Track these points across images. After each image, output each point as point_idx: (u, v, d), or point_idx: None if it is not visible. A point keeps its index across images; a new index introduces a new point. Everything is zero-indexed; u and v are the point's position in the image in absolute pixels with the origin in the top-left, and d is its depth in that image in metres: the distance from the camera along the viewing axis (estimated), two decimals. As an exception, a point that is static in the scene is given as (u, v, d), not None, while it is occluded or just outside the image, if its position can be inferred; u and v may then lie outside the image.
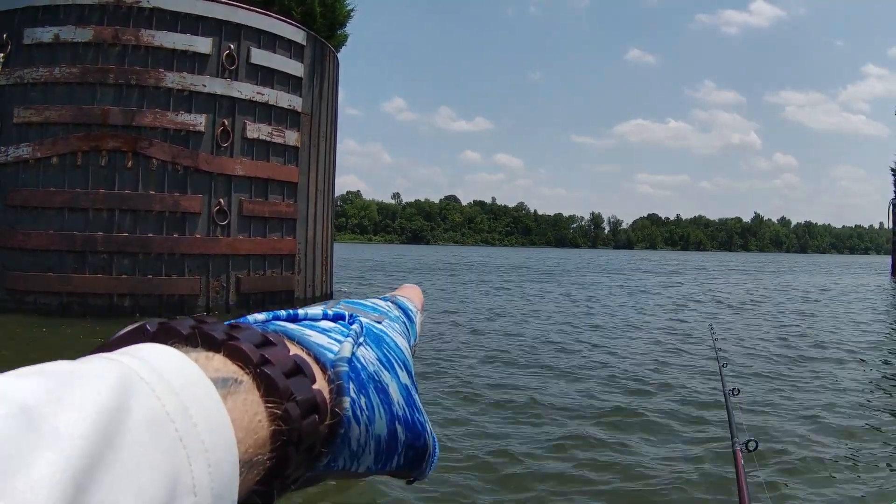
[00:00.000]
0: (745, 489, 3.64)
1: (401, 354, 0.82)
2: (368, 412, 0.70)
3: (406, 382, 0.80)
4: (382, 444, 0.73)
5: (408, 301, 1.03)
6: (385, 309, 0.93)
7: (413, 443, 0.78)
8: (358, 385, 0.69)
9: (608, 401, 11.05)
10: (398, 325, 0.89)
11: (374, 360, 0.75)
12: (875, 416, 10.50)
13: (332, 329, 0.75)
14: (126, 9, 18.77)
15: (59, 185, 18.30)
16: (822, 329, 21.22)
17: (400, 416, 0.75)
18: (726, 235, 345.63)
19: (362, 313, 0.84)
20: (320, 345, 0.70)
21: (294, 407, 0.60)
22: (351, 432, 0.67)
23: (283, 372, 0.61)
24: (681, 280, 51.68)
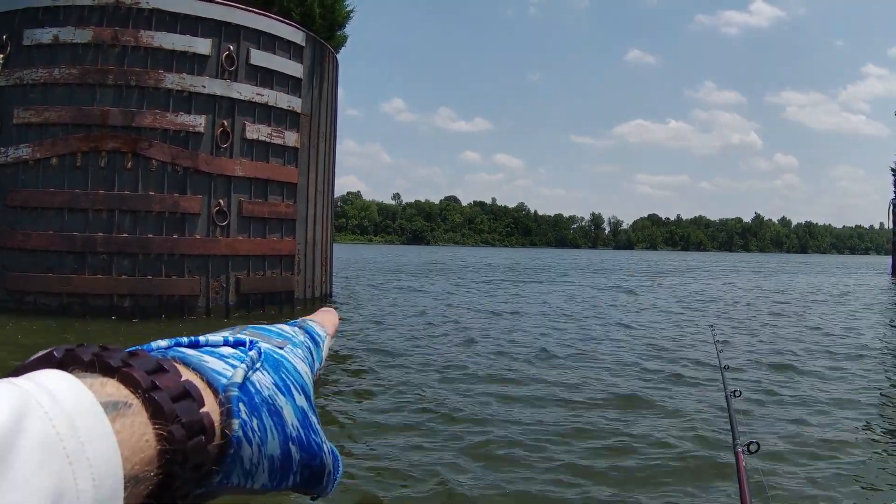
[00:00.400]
0: (746, 491, 3.65)
1: (299, 378, 0.87)
2: (261, 433, 0.74)
3: (302, 405, 0.84)
4: (276, 463, 0.77)
5: (317, 326, 1.09)
6: (290, 334, 0.97)
7: (309, 462, 0.82)
8: (250, 408, 0.74)
9: (606, 403, 11.04)
10: (301, 351, 0.94)
11: (270, 385, 0.80)
12: (880, 418, 10.56)
13: (230, 355, 0.79)
14: (125, 10, 18.78)
15: (58, 186, 18.32)
16: (824, 330, 21.22)
17: (294, 436, 0.80)
18: (727, 236, 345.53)
19: (265, 339, 0.89)
20: (214, 370, 0.74)
21: (179, 429, 0.65)
22: (242, 452, 0.72)
23: (170, 396, 0.66)
24: (678, 280, 51.68)
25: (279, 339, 0.93)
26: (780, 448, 8.53)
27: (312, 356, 0.98)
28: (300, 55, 22.22)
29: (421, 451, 8.39)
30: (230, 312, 19.62)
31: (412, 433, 9.21)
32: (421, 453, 8.31)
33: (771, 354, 16.14)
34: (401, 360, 14.40)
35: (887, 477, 7.78)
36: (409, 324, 20.80)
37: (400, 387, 11.88)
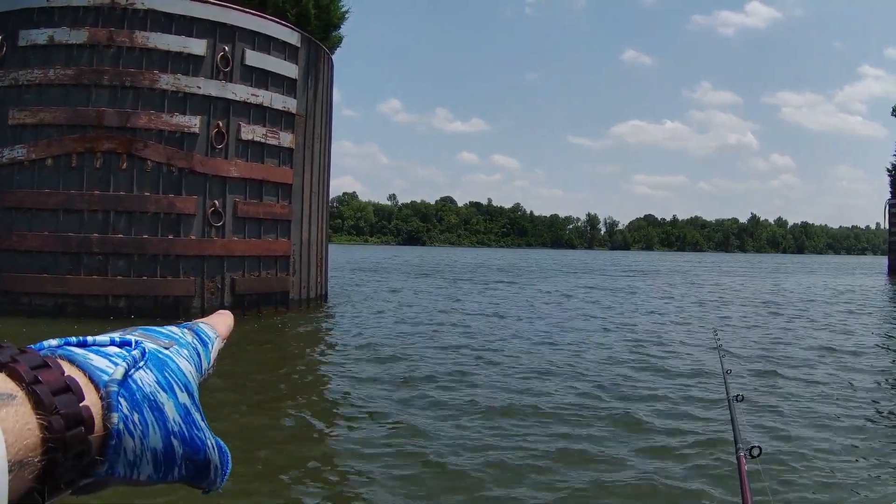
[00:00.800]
0: (748, 495, 3.67)
1: (182, 377, 0.90)
2: (142, 427, 0.78)
3: (185, 402, 0.87)
4: (160, 455, 0.81)
5: (208, 328, 1.11)
6: (178, 335, 1.00)
7: (192, 456, 0.86)
8: (131, 403, 0.78)
9: (608, 407, 11.05)
10: (186, 351, 0.97)
11: (152, 382, 0.83)
12: (881, 423, 10.53)
13: (115, 354, 0.82)
14: (120, 10, 18.83)
15: (53, 187, 18.35)
16: (825, 333, 21.20)
17: (176, 431, 0.83)
18: (723, 236, 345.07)
19: (152, 339, 0.92)
20: (98, 367, 0.78)
21: (58, 419, 0.69)
22: (125, 444, 0.76)
23: (51, 390, 0.70)
24: (670, 281, 51.70)
25: (166, 339, 0.96)
26: (782, 452, 8.53)
27: (200, 356, 1.01)
28: (295, 56, 22.24)
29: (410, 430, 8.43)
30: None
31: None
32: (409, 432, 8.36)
33: (773, 359, 16.07)
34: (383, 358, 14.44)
35: (889, 481, 7.79)
36: (387, 323, 20.93)
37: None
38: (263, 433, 9.20)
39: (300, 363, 15.08)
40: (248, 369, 13.07)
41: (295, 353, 16.42)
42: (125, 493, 0.95)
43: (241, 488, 6.94)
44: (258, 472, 7.59)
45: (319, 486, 7.45)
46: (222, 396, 10.72)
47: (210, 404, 9.96)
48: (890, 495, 7.32)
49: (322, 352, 16.27)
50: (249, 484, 7.17)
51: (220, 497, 6.49)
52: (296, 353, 16.30)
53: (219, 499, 6.44)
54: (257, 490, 7.10)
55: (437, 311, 25.37)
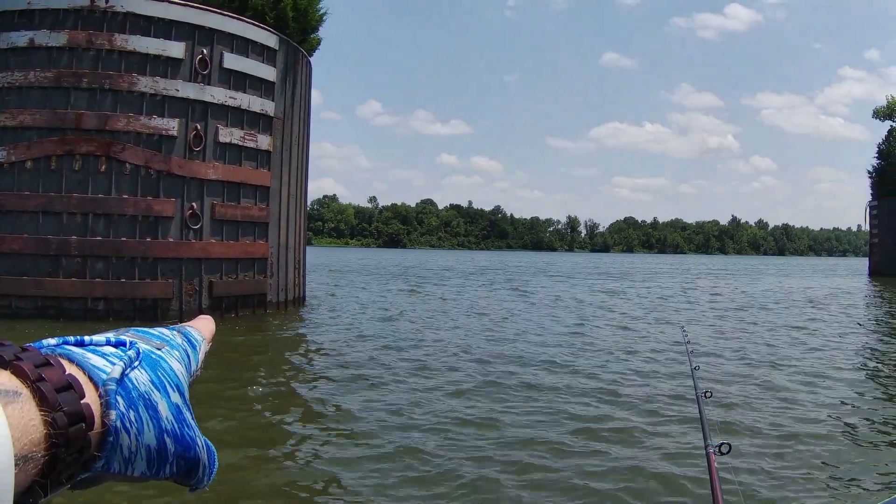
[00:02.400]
0: (718, 492, 3.68)
1: (174, 378, 0.94)
2: (137, 424, 0.83)
3: (177, 402, 0.92)
4: (153, 452, 0.85)
5: (195, 331, 1.16)
6: (169, 337, 1.04)
7: (183, 454, 0.91)
8: (127, 401, 0.82)
9: (578, 405, 11.14)
10: (178, 353, 1.01)
11: (147, 382, 0.88)
12: (849, 418, 10.68)
13: (111, 353, 0.87)
14: (100, 13, 18.84)
15: (33, 189, 18.36)
16: (797, 331, 21.53)
17: (169, 429, 0.88)
18: (703, 238, 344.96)
19: (145, 340, 0.97)
20: (96, 366, 0.82)
21: (62, 416, 0.73)
22: (121, 440, 0.80)
23: (54, 388, 0.74)
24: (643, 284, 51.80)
25: (158, 341, 1.00)
26: (752, 449, 8.63)
27: (189, 358, 1.05)
28: (273, 58, 22.30)
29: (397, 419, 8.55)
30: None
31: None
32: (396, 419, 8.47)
33: (742, 356, 16.31)
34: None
35: (857, 477, 7.90)
36: (362, 321, 21.12)
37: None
38: (237, 435, 9.25)
39: (276, 365, 15.09)
40: (224, 373, 13.10)
41: (271, 355, 16.43)
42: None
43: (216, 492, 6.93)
44: (231, 476, 7.59)
45: (293, 490, 7.51)
46: (196, 399, 10.79)
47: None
48: (862, 491, 7.45)
49: (298, 354, 16.28)
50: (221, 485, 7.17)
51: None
52: (272, 356, 16.31)
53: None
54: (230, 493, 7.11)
55: (407, 312, 25.68)
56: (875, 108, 78.78)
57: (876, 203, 71.25)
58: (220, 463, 0.95)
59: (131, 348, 0.90)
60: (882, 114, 76.95)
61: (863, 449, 9.07)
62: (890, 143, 73.98)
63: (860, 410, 11.38)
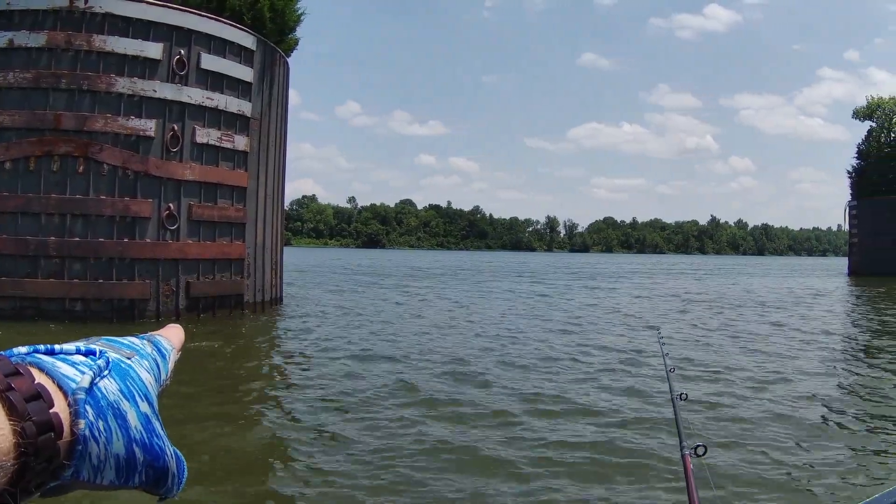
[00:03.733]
0: (694, 494, 3.68)
1: (143, 387, 0.94)
2: (106, 433, 0.83)
3: (146, 411, 0.92)
4: (122, 461, 0.85)
5: (165, 340, 1.15)
6: (139, 346, 1.04)
7: (152, 463, 0.91)
8: (96, 410, 0.83)
9: (553, 408, 11.21)
10: (147, 362, 1.01)
11: (116, 391, 0.88)
12: (824, 419, 10.75)
13: (81, 363, 0.87)
14: (79, 14, 18.90)
15: (12, 190, 18.37)
16: (773, 331, 21.64)
17: (137, 439, 0.88)
18: (682, 238, 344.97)
19: (115, 349, 0.96)
20: (66, 375, 0.82)
21: (31, 425, 0.74)
22: (90, 449, 0.81)
23: (23, 397, 0.75)
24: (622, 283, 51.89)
25: (128, 350, 1.00)
26: (727, 451, 8.69)
27: (159, 368, 1.05)
28: (250, 59, 22.41)
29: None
30: (181, 316, 19.74)
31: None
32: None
33: (716, 357, 16.42)
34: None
35: (837, 479, 7.96)
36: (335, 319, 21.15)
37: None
38: (212, 440, 9.32)
39: (252, 366, 15.22)
40: (200, 375, 13.18)
41: (247, 356, 16.48)
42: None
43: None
44: (203, 477, 7.69)
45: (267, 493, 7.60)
46: (173, 402, 10.89)
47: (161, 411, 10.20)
48: (838, 492, 7.53)
49: (274, 355, 16.41)
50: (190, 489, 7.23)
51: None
52: (248, 356, 16.38)
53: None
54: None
55: (380, 311, 25.85)
56: (855, 108, 79.37)
57: (855, 203, 71.89)
58: (191, 471, 1.01)
59: (101, 357, 0.90)
60: (862, 114, 77.45)
61: (840, 449, 9.16)
62: (869, 144, 74.51)
63: (837, 410, 11.44)
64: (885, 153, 71.57)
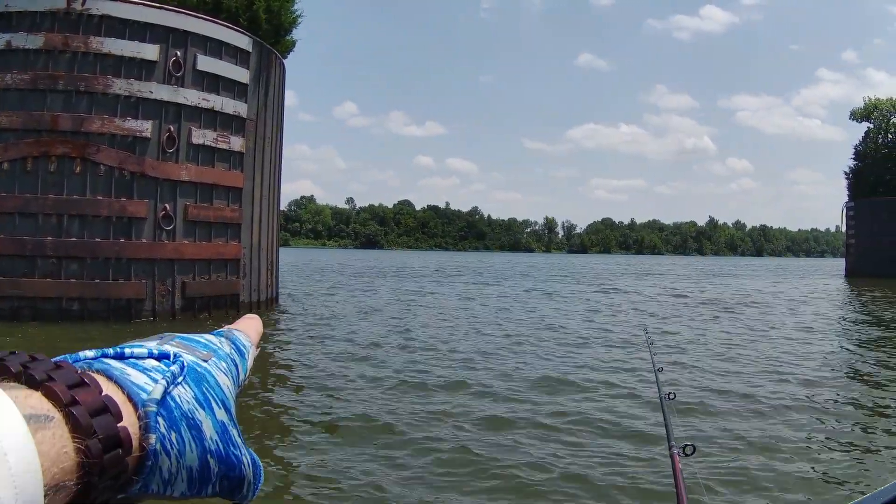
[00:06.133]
0: (683, 493, 3.66)
1: (220, 393, 0.91)
2: (179, 446, 0.79)
3: (223, 419, 0.89)
4: (195, 473, 0.82)
5: (242, 336, 1.12)
6: (216, 346, 1.02)
7: (227, 474, 0.88)
8: (169, 422, 0.79)
9: (540, 407, 11.26)
10: (224, 364, 0.98)
11: (191, 399, 0.84)
12: (814, 419, 10.73)
13: (153, 368, 0.83)
14: (76, 16, 18.96)
15: (9, 191, 18.43)
16: (763, 332, 21.61)
17: (213, 450, 0.85)
18: (681, 239, 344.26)
19: (191, 350, 0.94)
20: (136, 384, 0.79)
21: (96, 443, 0.70)
22: (160, 463, 0.77)
23: (89, 411, 0.70)
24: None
25: (205, 350, 0.97)
26: (715, 451, 8.72)
27: (237, 368, 1.02)
28: (246, 60, 22.48)
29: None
30: (176, 316, 19.90)
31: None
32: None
33: (705, 357, 16.44)
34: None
35: (824, 480, 7.98)
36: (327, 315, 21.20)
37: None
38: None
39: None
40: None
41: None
42: None
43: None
44: None
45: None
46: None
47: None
48: (826, 491, 7.58)
49: (269, 354, 16.46)
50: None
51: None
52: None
53: None
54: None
55: (376, 311, 25.91)
56: (853, 109, 79.26)
57: (852, 204, 71.76)
58: None
59: (175, 362, 0.87)
60: (859, 115, 77.33)
61: (831, 449, 9.17)
62: (867, 145, 74.40)
63: (828, 411, 11.45)
64: (883, 154, 71.46)
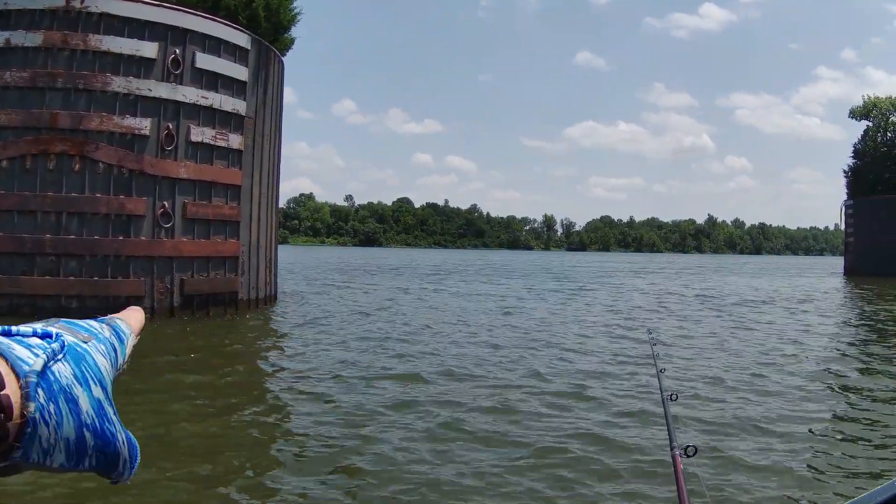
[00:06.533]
0: (684, 494, 3.66)
1: (98, 372, 0.96)
2: (57, 417, 0.84)
3: (99, 396, 0.94)
4: (72, 445, 0.87)
5: (124, 324, 1.21)
6: (97, 330, 1.09)
7: (103, 448, 0.93)
8: (48, 394, 0.84)
9: (543, 409, 11.24)
10: (104, 346, 1.05)
11: (69, 375, 0.90)
12: (814, 420, 10.74)
13: (36, 345, 0.88)
14: (75, 14, 18.96)
15: (8, 188, 18.46)
16: (764, 332, 21.57)
17: (89, 424, 0.90)
18: (679, 237, 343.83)
19: (72, 332, 1.00)
20: (20, 357, 0.84)
21: None
22: (39, 432, 0.82)
23: None
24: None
25: (86, 333, 1.04)
26: (717, 452, 8.71)
27: (116, 352, 1.09)
28: (245, 58, 22.48)
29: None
30: (175, 313, 19.87)
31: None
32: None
33: (709, 359, 16.41)
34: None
35: (826, 480, 8.01)
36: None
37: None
38: (207, 439, 9.37)
39: (246, 362, 15.36)
40: (195, 373, 13.30)
41: (241, 352, 16.66)
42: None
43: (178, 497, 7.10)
44: (198, 480, 7.71)
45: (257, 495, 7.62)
46: (166, 396, 11.03)
47: (154, 410, 10.32)
48: (827, 492, 7.59)
49: (268, 351, 16.49)
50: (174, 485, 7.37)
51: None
52: (242, 353, 16.55)
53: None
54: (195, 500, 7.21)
55: (372, 307, 26.02)
56: (852, 108, 79.34)
57: (851, 202, 71.97)
58: (182, 471, 1.04)
59: (56, 340, 0.92)
60: (859, 114, 77.43)
61: (832, 449, 9.20)
62: (866, 143, 74.50)
63: (830, 411, 11.54)
64: (882, 153, 71.58)
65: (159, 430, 9.07)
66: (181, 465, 7.72)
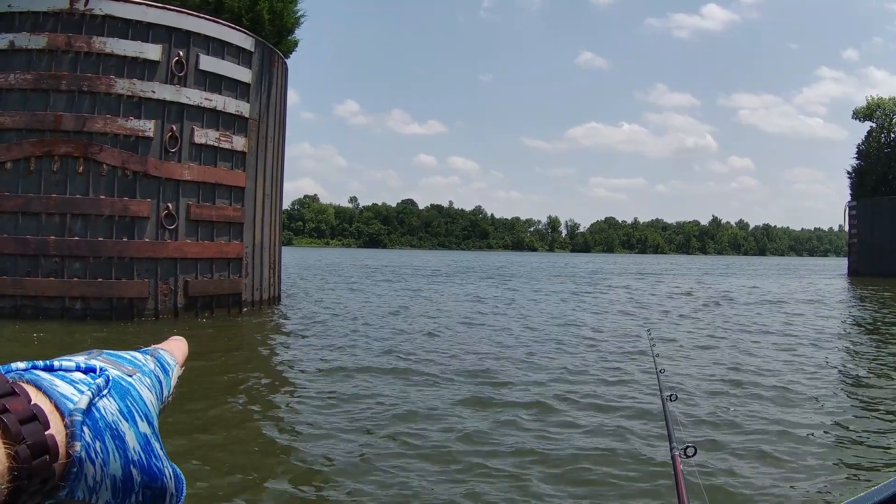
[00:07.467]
0: (684, 495, 3.59)
1: (143, 407, 0.94)
2: (103, 455, 0.83)
3: (145, 432, 0.92)
4: (119, 482, 0.85)
5: (168, 355, 1.18)
6: (141, 363, 1.05)
7: (150, 484, 0.91)
8: (94, 431, 0.82)
9: (542, 409, 11.23)
10: (149, 380, 1.02)
11: (115, 411, 0.88)
12: (814, 420, 10.71)
13: (80, 381, 0.87)
14: (79, 16, 19.03)
15: (12, 190, 18.50)
16: (764, 333, 21.52)
17: (135, 460, 0.88)
18: (684, 238, 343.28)
19: (116, 366, 0.97)
20: (63, 394, 0.82)
21: (25, 449, 0.73)
22: (85, 470, 0.80)
23: (18, 419, 0.74)
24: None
25: (130, 366, 1.00)
26: (717, 453, 8.69)
27: (161, 384, 1.06)
28: (249, 60, 22.52)
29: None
30: (179, 315, 19.92)
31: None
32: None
33: (709, 359, 16.43)
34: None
35: (827, 481, 7.97)
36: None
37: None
38: (207, 440, 9.42)
39: (250, 364, 15.28)
40: (196, 373, 13.29)
41: (245, 354, 16.59)
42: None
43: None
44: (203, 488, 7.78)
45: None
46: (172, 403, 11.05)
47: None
48: (828, 494, 7.55)
49: (271, 353, 16.43)
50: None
51: None
52: (246, 355, 16.48)
53: None
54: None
55: (378, 309, 25.86)
56: (855, 108, 79.17)
57: (855, 203, 71.80)
58: (181, 470, 1.07)
59: (100, 375, 0.90)
60: (862, 114, 77.30)
61: (833, 451, 9.16)
62: (869, 144, 74.38)
63: (830, 412, 11.42)
64: (885, 153, 71.51)
65: (159, 430, 9.08)
66: (181, 464, 7.72)
